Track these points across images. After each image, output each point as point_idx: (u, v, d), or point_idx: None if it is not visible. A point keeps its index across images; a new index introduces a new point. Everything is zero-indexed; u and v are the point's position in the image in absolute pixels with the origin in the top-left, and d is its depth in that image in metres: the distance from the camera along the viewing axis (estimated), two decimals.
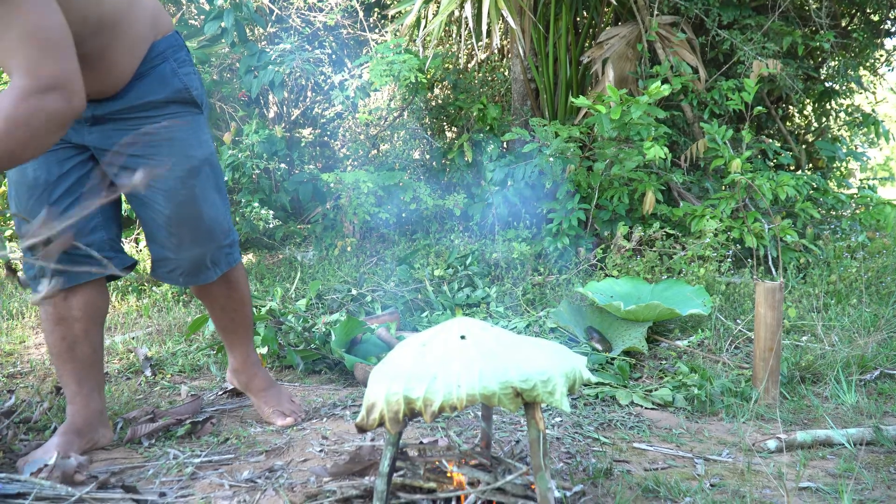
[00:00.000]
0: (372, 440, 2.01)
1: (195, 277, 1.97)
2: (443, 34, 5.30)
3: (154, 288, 3.84)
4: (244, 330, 2.18)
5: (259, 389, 2.21)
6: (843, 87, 5.25)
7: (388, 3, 5.54)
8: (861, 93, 5.75)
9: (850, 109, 5.24)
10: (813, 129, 5.45)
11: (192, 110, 1.88)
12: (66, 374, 1.92)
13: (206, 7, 4.50)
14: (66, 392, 1.94)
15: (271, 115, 5.76)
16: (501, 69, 5.56)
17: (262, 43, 5.44)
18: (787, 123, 5.44)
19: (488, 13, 4.12)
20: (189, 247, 1.90)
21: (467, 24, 4.41)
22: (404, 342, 1.46)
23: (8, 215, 4.70)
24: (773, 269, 2.92)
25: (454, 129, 5.22)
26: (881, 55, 5.73)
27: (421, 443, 1.83)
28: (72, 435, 1.87)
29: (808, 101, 5.25)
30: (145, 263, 4.09)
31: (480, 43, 5.00)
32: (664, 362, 2.81)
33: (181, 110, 1.85)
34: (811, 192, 4.13)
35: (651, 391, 2.46)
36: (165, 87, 1.81)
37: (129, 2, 1.74)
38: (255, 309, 3.12)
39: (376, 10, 5.71)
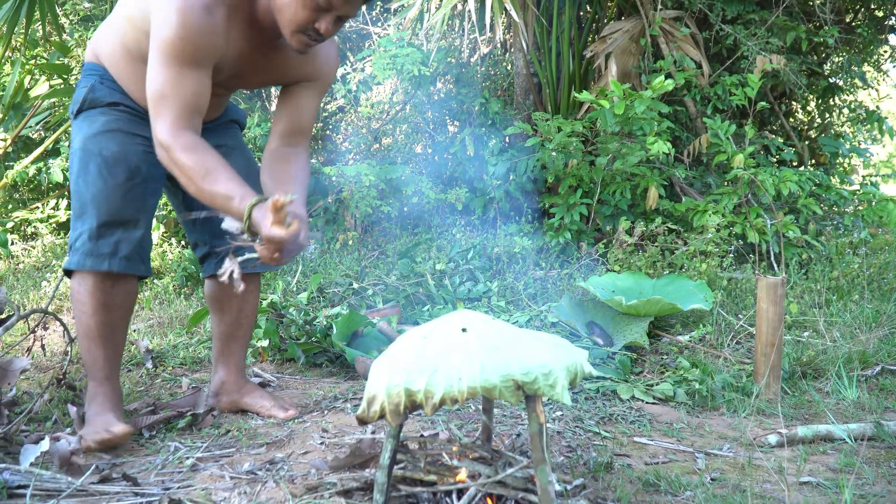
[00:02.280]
0: (372, 433, 2.01)
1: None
2: (445, 28, 5.28)
3: (155, 280, 3.84)
4: (247, 335, 2.24)
5: (251, 392, 2.22)
6: (847, 84, 5.24)
7: None
8: (865, 89, 5.74)
9: (853, 105, 5.22)
10: (816, 125, 5.44)
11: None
12: (100, 358, 1.94)
13: None
14: (95, 375, 1.95)
15: (273, 107, 5.76)
16: (504, 63, 5.55)
17: None
18: (791, 119, 5.42)
19: (491, 7, 4.11)
20: None
21: (470, 18, 4.39)
22: (405, 334, 1.46)
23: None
24: (774, 265, 2.91)
25: (456, 122, 5.21)
26: (885, 51, 5.71)
27: (422, 435, 1.83)
28: (110, 414, 1.91)
29: (811, 96, 5.24)
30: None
31: (483, 37, 4.99)
32: (665, 357, 2.81)
33: (236, 127, 2.22)
34: (814, 188, 4.12)
35: (652, 386, 2.46)
36: (236, 112, 2.22)
37: None
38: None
39: (379, 3, 5.70)
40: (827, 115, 5.38)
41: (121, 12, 1.89)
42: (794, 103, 5.44)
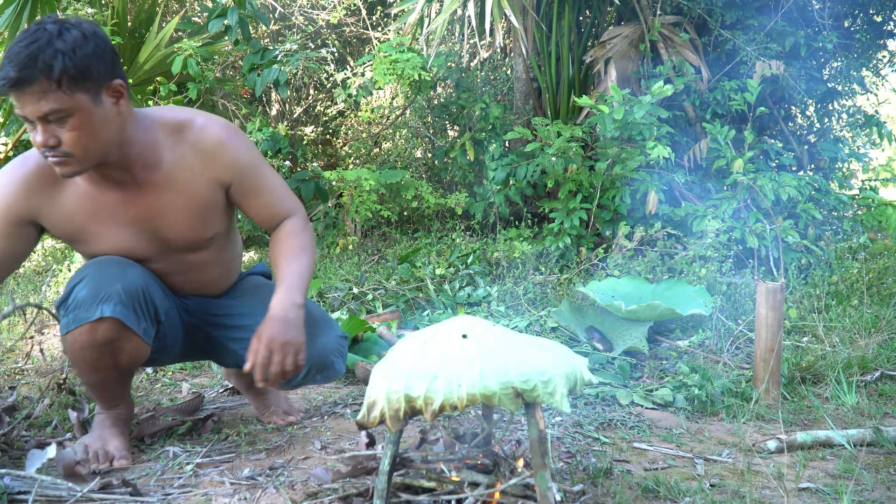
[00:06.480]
0: (367, 444, 2.01)
1: (324, 374, 1.94)
2: (445, 33, 5.30)
3: None
4: None
5: (259, 390, 2.21)
6: (846, 88, 5.24)
7: (391, 1, 5.54)
8: (863, 93, 5.75)
9: (852, 110, 5.23)
10: (815, 129, 5.44)
11: None
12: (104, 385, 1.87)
13: (210, 4, 4.50)
14: (115, 391, 1.89)
15: (274, 112, 5.77)
16: (504, 68, 5.56)
17: (266, 41, 5.44)
18: (790, 124, 5.43)
19: (491, 12, 4.12)
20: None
21: (470, 23, 4.41)
22: (406, 339, 1.46)
23: None
24: (774, 270, 2.91)
25: (456, 127, 5.22)
26: (884, 56, 5.72)
27: (422, 440, 1.83)
28: (116, 440, 1.87)
29: (810, 101, 5.24)
30: None
31: (483, 42, 5.00)
32: (665, 362, 2.81)
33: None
34: (813, 192, 4.13)
35: (652, 391, 2.46)
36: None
37: None
38: None
39: (379, 8, 5.71)
40: (826, 120, 5.38)
41: None
42: (793, 108, 5.44)
